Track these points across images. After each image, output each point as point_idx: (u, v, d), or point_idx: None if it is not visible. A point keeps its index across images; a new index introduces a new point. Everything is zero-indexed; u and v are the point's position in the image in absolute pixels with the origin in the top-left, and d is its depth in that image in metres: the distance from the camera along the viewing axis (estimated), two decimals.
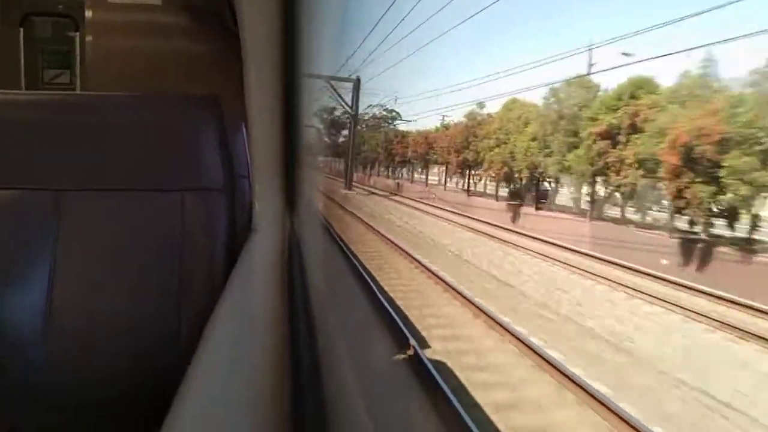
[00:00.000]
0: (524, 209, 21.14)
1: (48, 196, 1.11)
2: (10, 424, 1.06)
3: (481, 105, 26.52)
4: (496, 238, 16.68)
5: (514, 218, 20.96)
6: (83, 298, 1.09)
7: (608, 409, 5.00)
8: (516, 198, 22.56)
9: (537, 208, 20.81)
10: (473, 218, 21.37)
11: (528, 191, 22.74)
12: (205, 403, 0.57)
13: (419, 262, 11.45)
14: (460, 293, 9.09)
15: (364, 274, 9.54)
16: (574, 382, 5.61)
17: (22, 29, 2.21)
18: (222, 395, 0.62)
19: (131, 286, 1.11)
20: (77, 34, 2.25)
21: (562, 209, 20.73)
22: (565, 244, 15.38)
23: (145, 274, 1.12)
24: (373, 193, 33.51)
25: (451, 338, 7.27)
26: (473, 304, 8.53)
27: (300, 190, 1.18)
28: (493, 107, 25.66)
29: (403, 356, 5.83)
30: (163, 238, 1.14)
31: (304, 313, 0.86)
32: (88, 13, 2.07)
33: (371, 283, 8.95)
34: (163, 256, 1.13)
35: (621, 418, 4.80)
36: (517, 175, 22.64)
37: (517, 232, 17.95)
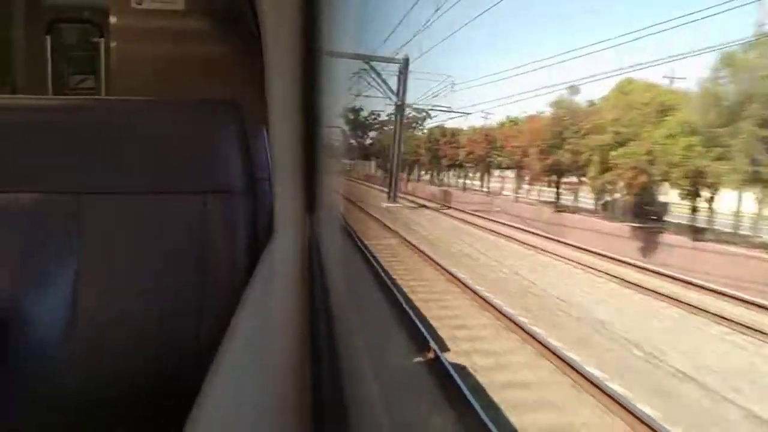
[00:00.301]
0: (663, 236, 13.58)
1: (71, 200, 1.13)
2: (33, 423, 1.08)
3: (574, 90, 20.08)
4: (662, 295, 9.66)
5: (648, 250, 13.70)
6: (107, 299, 1.10)
7: None
8: (647, 218, 15.22)
9: (695, 239, 12.98)
10: (586, 250, 13.72)
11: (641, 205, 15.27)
12: (227, 404, 0.58)
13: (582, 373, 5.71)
14: None
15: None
16: None
17: (48, 37, 2.26)
18: (243, 396, 0.63)
19: (153, 288, 1.12)
20: (102, 40, 2.30)
21: (718, 238, 13.02)
22: None
23: (167, 276, 1.13)
24: (423, 206, 25.10)
25: None
26: None
27: (321, 192, 1.18)
28: (590, 92, 20.54)
29: (423, 359, 5.73)
30: (184, 240, 1.15)
31: (325, 314, 0.86)
32: (113, 20, 2.11)
33: None
34: (185, 258, 1.14)
35: None
36: (665, 186, 15.47)
37: (692, 285, 10.51)
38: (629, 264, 12.28)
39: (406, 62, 24.39)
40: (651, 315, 8.61)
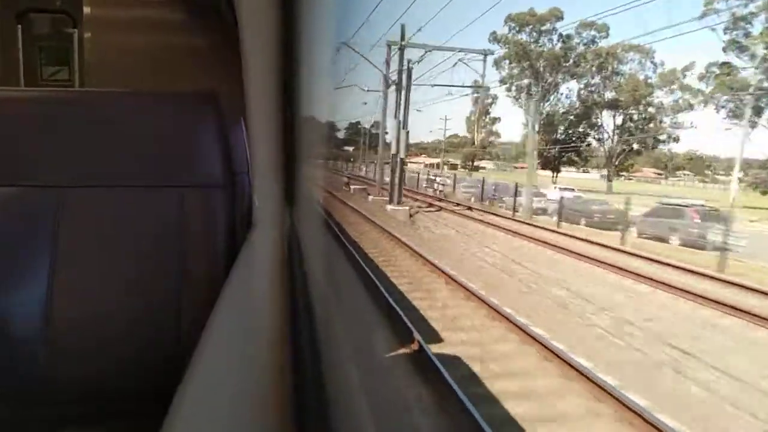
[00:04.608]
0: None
1: (48, 193, 1.11)
2: (14, 418, 1.07)
3: None
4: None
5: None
6: (84, 294, 1.09)
7: None
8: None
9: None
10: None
11: None
12: (208, 395, 0.57)
13: None
14: None
15: None
16: None
17: (20, 26, 2.21)
18: (224, 388, 0.63)
19: (131, 282, 1.11)
20: (75, 30, 2.25)
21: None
22: None
23: (146, 270, 1.12)
24: None
25: None
26: None
27: (300, 184, 1.18)
28: None
29: (406, 350, 5.69)
30: (163, 234, 1.14)
31: (305, 305, 0.86)
32: (87, 10, 2.07)
33: None
34: (164, 252, 1.13)
35: None
36: None
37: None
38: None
39: None
40: None
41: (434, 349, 5.67)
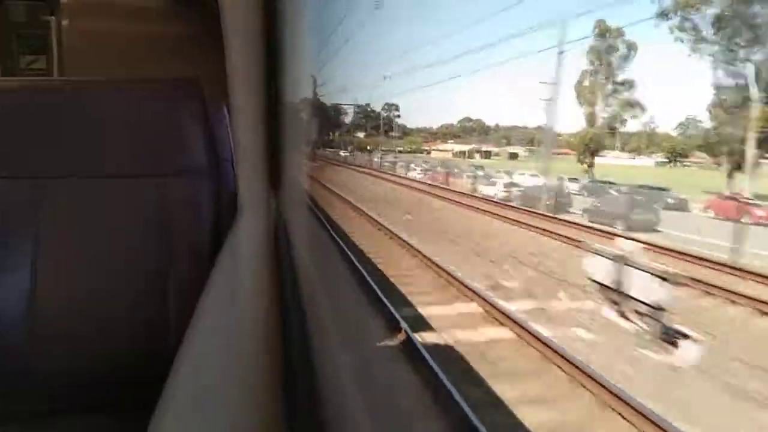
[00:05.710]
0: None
1: (29, 184, 1.09)
2: (0, 411, 1.05)
3: None
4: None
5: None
6: (67, 285, 1.08)
7: None
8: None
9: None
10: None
11: None
12: (197, 385, 0.57)
13: None
14: None
15: None
16: None
17: None
18: (214, 377, 0.62)
19: (116, 272, 1.10)
20: (53, 17, 2.20)
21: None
22: None
23: (130, 260, 1.11)
24: None
25: None
26: None
27: (285, 170, 1.16)
28: None
29: (395, 341, 5.64)
30: (147, 223, 1.12)
31: (293, 293, 0.85)
32: None
33: None
34: (148, 241, 1.12)
35: None
36: None
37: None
38: None
39: None
40: None
41: None
